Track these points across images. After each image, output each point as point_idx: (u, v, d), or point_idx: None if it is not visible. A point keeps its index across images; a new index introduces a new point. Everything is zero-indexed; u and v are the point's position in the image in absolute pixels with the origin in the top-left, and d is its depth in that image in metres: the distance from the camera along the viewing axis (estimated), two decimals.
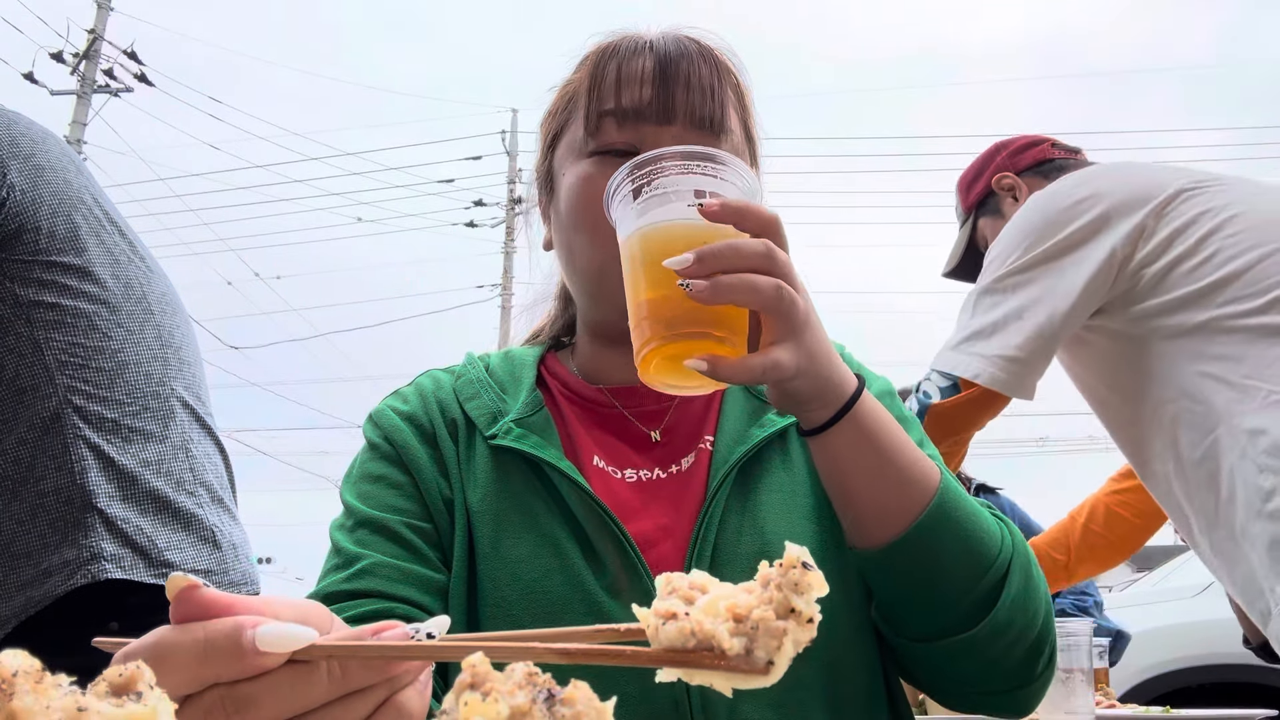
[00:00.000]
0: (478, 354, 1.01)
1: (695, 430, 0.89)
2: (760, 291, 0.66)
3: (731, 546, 0.79)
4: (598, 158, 0.88)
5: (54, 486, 1.20)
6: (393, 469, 0.86)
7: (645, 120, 0.87)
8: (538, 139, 1.00)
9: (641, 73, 0.88)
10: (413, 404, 0.91)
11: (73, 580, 1.17)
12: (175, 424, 1.33)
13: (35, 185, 1.24)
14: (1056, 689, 1.86)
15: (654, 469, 0.86)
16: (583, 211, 0.87)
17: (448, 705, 0.33)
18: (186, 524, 1.29)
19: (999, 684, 0.79)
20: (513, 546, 0.80)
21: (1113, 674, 2.69)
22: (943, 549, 0.73)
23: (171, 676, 0.39)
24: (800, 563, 0.39)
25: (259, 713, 0.40)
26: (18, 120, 1.28)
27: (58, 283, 1.24)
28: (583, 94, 0.90)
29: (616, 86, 0.88)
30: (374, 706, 0.43)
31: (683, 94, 0.87)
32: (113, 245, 1.33)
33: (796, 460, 0.87)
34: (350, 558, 0.78)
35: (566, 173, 0.91)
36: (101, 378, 1.26)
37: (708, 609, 0.39)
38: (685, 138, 0.87)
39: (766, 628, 0.38)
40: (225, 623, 0.40)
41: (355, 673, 0.41)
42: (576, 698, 0.34)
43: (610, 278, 0.84)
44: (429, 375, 0.97)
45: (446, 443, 0.88)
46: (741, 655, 0.38)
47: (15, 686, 0.29)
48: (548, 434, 0.86)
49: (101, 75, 13.35)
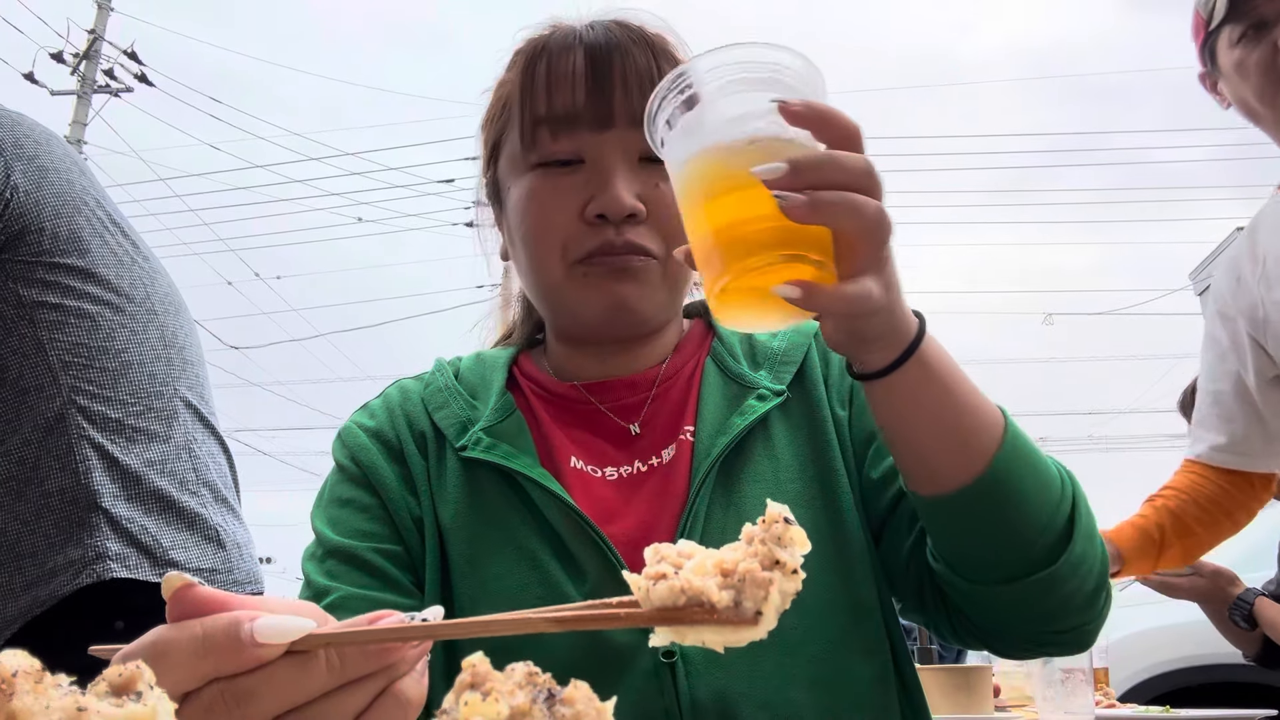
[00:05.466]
0: (448, 359, 0.98)
1: (674, 420, 0.85)
2: (863, 214, 0.57)
3: (717, 542, 0.76)
4: (540, 171, 0.83)
5: (59, 486, 1.20)
6: (360, 491, 0.83)
7: (581, 126, 0.82)
8: (478, 144, 0.94)
9: (573, 72, 0.82)
10: (379, 419, 0.88)
11: (78, 580, 1.17)
12: (179, 424, 1.33)
13: (39, 186, 1.24)
14: (1056, 689, 1.86)
15: (634, 463, 0.84)
16: (534, 230, 0.83)
17: (448, 705, 0.33)
18: (190, 523, 1.29)
19: (1073, 619, 0.74)
20: (489, 563, 0.78)
21: (1113, 674, 2.69)
22: (1022, 485, 0.67)
23: (171, 673, 0.39)
24: (782, 518, 0.41)
25: (260, 705, 0.40)
26: (21, 121, 1.28)
27: (61, 284, 1.25)
28: (516, 100, 0.85)
29: (548, 91, 0.82)
30: (373, 695, 0.43)
31: (620, 93, 0.81)
32: (116, 246, 1.33)
33: (780, 446, 0.83)
34: (319, 591, 0.76)
35: (512, 187, 0.87)
36: (105, 378, 1.26)
37: (696, 568, 0.40)
38: (629, 139, 0.82)
39: (753, 578, 0.39)
40: (222, 617, 0.41)
41: (353, 661, 0.42)
42: (576, 698, 0.34)
43: (567, 294, 0.83)
44: (397, 386, 0.94)
45: (415, 459, 0.85)
46: (731, 607, 0.39)
47: (15, 686, 0.29)
48: (520, 439, 0.83)
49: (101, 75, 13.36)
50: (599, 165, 0.82)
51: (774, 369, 0.87)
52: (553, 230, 0.82)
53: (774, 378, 0.86)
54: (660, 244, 0.82)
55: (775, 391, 0.84)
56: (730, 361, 0.89)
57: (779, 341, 0.90)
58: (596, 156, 0.82)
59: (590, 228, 0.81)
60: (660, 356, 0.91)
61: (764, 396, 0.84)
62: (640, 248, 0.81)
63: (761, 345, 0.91)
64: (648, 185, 0.83)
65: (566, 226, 0.81)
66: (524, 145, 0.84)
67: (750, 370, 0.88)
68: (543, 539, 0.78)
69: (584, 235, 0.81)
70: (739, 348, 0.91)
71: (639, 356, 0.90)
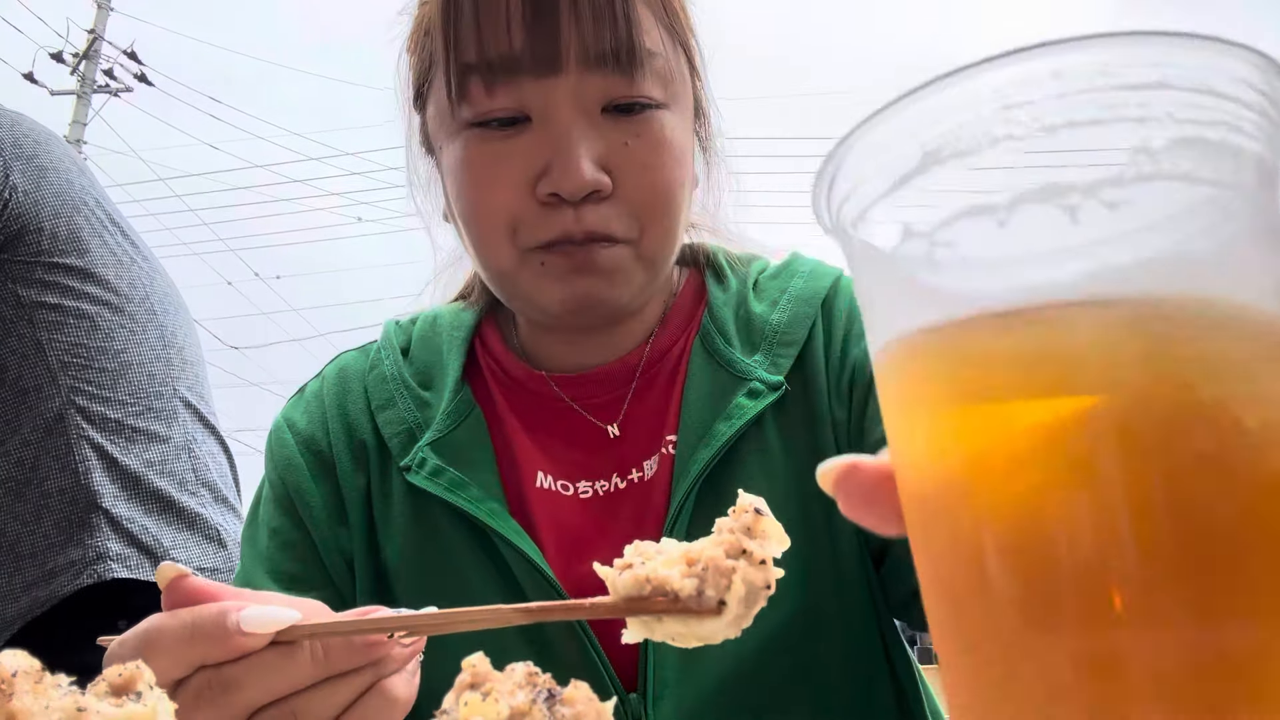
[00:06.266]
0: (401, 321, 0.82)
1: (657, 425, 0.73)
2: None
3: None
4: (476, 133, 0.66)
5: (58, 487, 1.20)
6: (285, 519, 0.72)
7: (522, 73, 0.63)
8: (397, 83, 0.75)
9: (506, 3, 0.63)
10: (312, 416, 0.76)
11: (79, 580, 1.17)
12: (178, 424, 1.33)
13: (38, 187, 1.24)
14: None
15: (612, 477, 0.71)
16: (475, 211, 0.67)
17: (448, 705, 0.33)
18: (191, 523, 1.29)
19: None
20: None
21: None
22: None
23: (161, 659, 0.40)
24: (753, 509, 0.40)
25: (245, 694, 0.41)
26: (20, 121, 1.28)
27: (60, 284, 1.25)
28: (438, 39, 0.66)
29: (476, 28, 0.63)
30: (359, 690, 0.43)
31: (570, 25, 0.63)
32: (115, 246, 1.33)
33: (774, 452, 0.70)
34: None
35: (444, 147, 0.70)
36: (105, 378, 1.26)
37: (665, 560, 0.40)
38: (585, 85, 0.64)
39: (716, 566, 0.38)
40: (211, 607, 0.41)
41: (338, 654, 0.42)
42: (576, 698, 0.34)
43: (521, 283, 0.68)
44: (337, 366, 0.80)
45: (350, 477, 0.72)
46: (694, 596, 0.38)
47: (15, 686, 0.29)
48: (476, 452, 0.70)
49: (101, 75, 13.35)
50: (549, 125, 0.64)
51: (771, 352, 0.73)
52: (496, 211, 0.66)
53: (770, 364, 0.73)
54: (631, 222, 0.67)
55: (771, 385, 0.71)
56: (720, 343, 0.75)
57: (780, 313, 0.75)
58: (545, 112, 0.64)
59: (544, 208, 0.65)
60: (644, 333, 0.77)
61: (756, 392, 0.71)
62: (605, 235, 0.66)
63: (759, 318, 0.76)
64: (613, 144, 0.65)
65: (513, 206, 0.65)
66: (451, 98, 0.66)
67: (743, 354, 0.74)
68: (505, 594, 0.67)
69: (536, 219, 0.66)
70: (732, 323, 0.76)
71: (618, 338, 0.76)
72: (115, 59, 13.45)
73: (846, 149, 0.26)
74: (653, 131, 0.67)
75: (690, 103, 0.73)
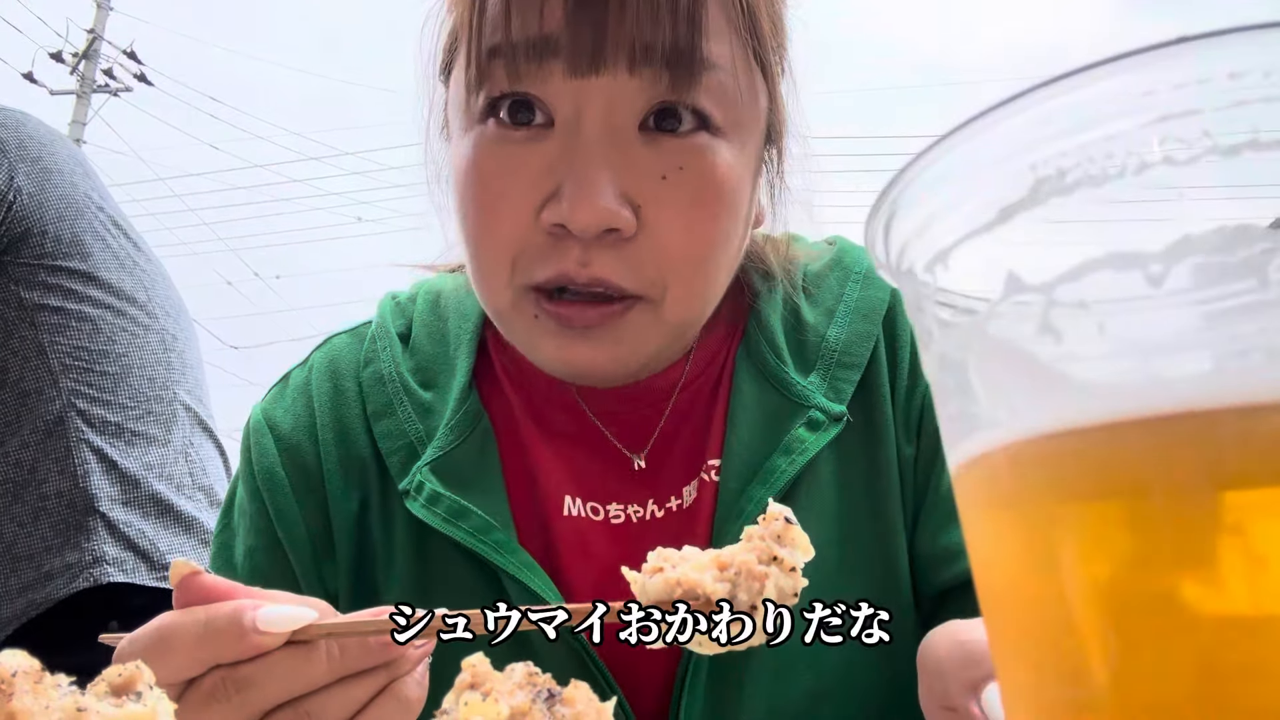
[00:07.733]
0: (402, 296, 0.72)
1: (696, 449, 0.64)
2: None
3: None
4: (492, 130, 0.56)
5: (56, 490, 1.20)
6: (260, 541, 0.65)
7: (554, 64, 0.52)
8: (418, 54, 0.64)
9: None
10: (299, 418, 0.66)
11: (75, 583, 1.17)
12: (177, 428, 1.33)
13: (42, 189, 1.24)
14: None
15: (647, 503, 0.63)
16: (475, 230, 0.57)
17: (448, 705, 0.33)
18: (188, 527, 1.29)
19: None
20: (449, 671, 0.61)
21: None
22: None
23: (174, 658, 0.40)
24: (783, 517, 0.40)
25: (260, 693, 0.41)
26: (26, 122, 1.28)
27: (63, 287, 1.25)
28: (464, 15, 0.56)
29: (506, 5, 0.53)
30: (373, 691, 0.43)
31: (616, 17, 0.51)
32: (118, 249, 1.33)
33: (826, 493, 0.62)
34: None
35: (455, 137, 0.61)
36: (105, 381, 1.26)
37: (695, 564, 0.40)
38: (627, 92, 0.52)
39: (749, 571, 0.39)
40: (226, 605, 0.41)
41: (353, 654, 0.42)
42: (576, 698, 0.34)
43: (514, 327, 0.59)
44: (327, 352, 0.70)
45: (341, 501, 0.64)
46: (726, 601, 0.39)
47: (15, 686, 0.29)
48: (481, 475, 0.61)
49: (101, 75, 13.35)
50: (572, 135, 0.54)
51: (829, 374, 0.64)
52: (499, 234, 0.56)
53: (830, 389, 0.63)
54: (655, 276, 0.55)
55: (833, 416, 0.62)
56: (770, 359, 0.65)
57: (837, 328, 0.66)
58: (570, 117, 0.54)
59: (548, 238, 0.55)
60: (679, 352, 0.67)
61: (817, 423, 0.62)
62: (611, 289, 0.55)
63: (813, 330, 0.66)
64: (647, 173, 0.54)
65: (517, 230, 0.55)
66: (470, 80, 0.56)
67: (798, 373, 0.64)
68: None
69: (536, 251, 0.55)
70: (782, 335, 0.66)
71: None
72: (115, 59, 13.46)
73: (921, 169, 0.19)
74: (701, 164, 0.55)
75: (759, 134, 0.60)
